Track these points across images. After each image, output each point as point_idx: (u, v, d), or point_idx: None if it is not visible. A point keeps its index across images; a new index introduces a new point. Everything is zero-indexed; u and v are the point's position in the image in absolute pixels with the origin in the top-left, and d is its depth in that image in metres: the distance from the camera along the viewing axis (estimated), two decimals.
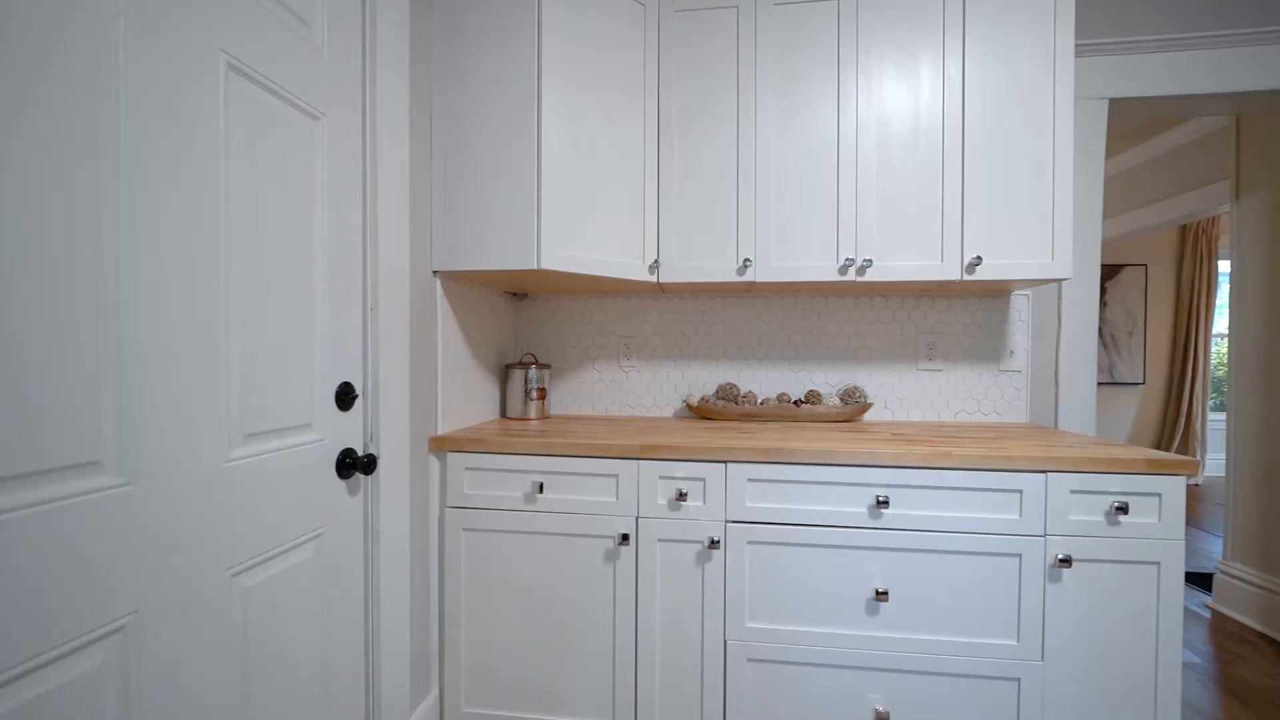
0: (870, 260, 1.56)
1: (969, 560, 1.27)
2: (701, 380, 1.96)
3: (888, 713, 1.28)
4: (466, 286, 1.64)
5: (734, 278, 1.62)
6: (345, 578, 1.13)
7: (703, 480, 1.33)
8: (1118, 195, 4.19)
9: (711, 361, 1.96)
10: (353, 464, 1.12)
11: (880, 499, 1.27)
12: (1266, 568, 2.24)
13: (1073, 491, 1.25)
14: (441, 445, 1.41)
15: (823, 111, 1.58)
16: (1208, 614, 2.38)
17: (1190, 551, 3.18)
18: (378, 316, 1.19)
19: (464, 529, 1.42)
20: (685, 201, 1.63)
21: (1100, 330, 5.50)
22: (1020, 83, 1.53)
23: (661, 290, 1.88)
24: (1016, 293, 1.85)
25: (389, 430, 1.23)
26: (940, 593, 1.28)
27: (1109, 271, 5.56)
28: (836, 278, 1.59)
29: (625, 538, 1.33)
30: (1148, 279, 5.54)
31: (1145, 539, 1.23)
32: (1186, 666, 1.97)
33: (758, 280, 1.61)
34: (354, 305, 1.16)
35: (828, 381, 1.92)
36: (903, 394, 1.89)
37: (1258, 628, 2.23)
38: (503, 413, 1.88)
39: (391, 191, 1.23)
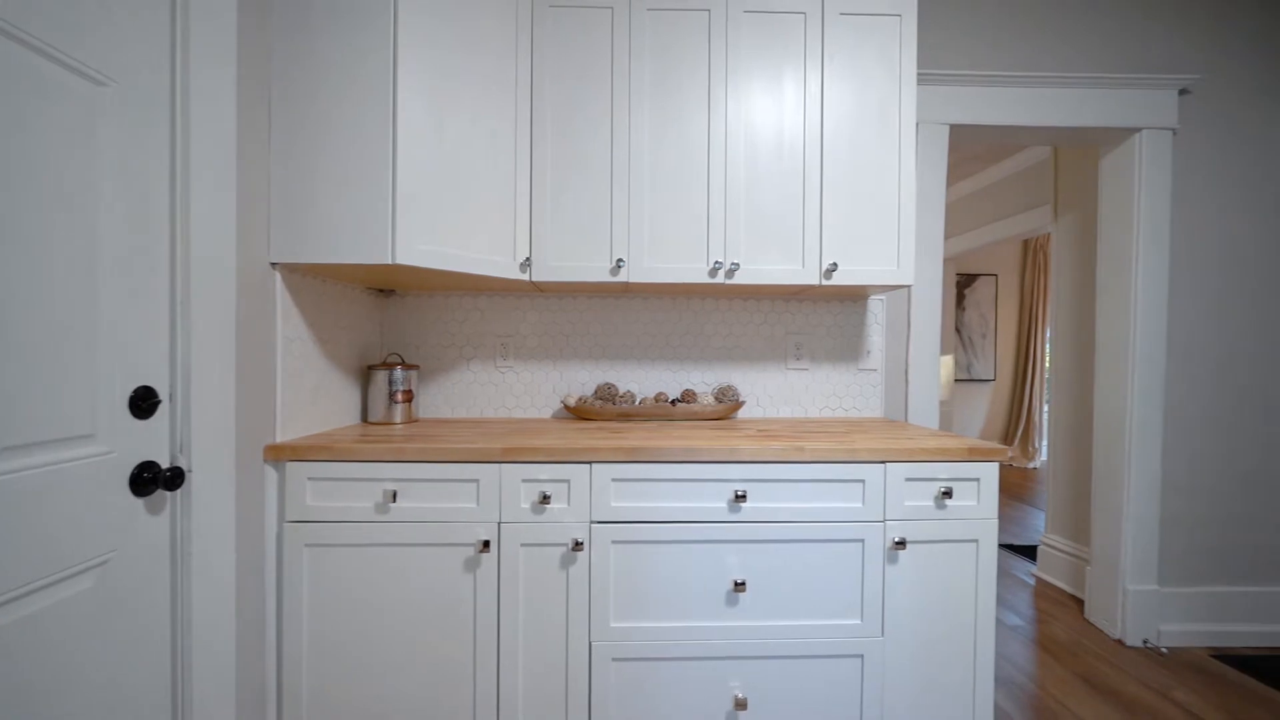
0: (738, 264, 1.62)
1: (819, 548, 1.35)
2: (581, 380, 1.95)
3: (745, 698, 1.33)
4: (319, 281, 1.51)
5: (607, 278, 1.62)
6: (143, 608, 0.99)
7: (567, 482, 1.31)
8: (972, 211, 4.70)
9: (591, 362, 1.95)
10: (153, 479, 0.98)
11: (739, 493, 1.32)
12: (1075, 538, 2.60)
13: (907, 479, 1.36)
14: (279, 454, 1.28)
15: (694, 118, 1.61)
16: (1032, 581, 2.72)
17: (1024, 527, 3.63)
18: (189, 311, 1.05)
19: (306, 544, 1.29)
20: (559, 200, 1.61)
21: (959, 332, 6.16)
22: (872, 105, 1.65)
23: (539, 290, 1.84)
24: (873, 297, 2.00)
25: (206, 439, 1.09)
26: (794, 580, 1.35)
27: (966, 280, 6.23)
28: (707, 280, 1.63)
29: (486, 544, 1.28)
30: (998, 287, 6.27)
31: (967, 519, 1.37)
32: (1011, 628, 2.23)
33: (631, 281, 1.62)
34: (158, 299, 1.01)
35: (704, 381, 1.97)
36: (773, 392, 1.98)
37: (1069, 590, 2.58)
38: (364, 417, 1.75)
39: (210, 172, 1.10)
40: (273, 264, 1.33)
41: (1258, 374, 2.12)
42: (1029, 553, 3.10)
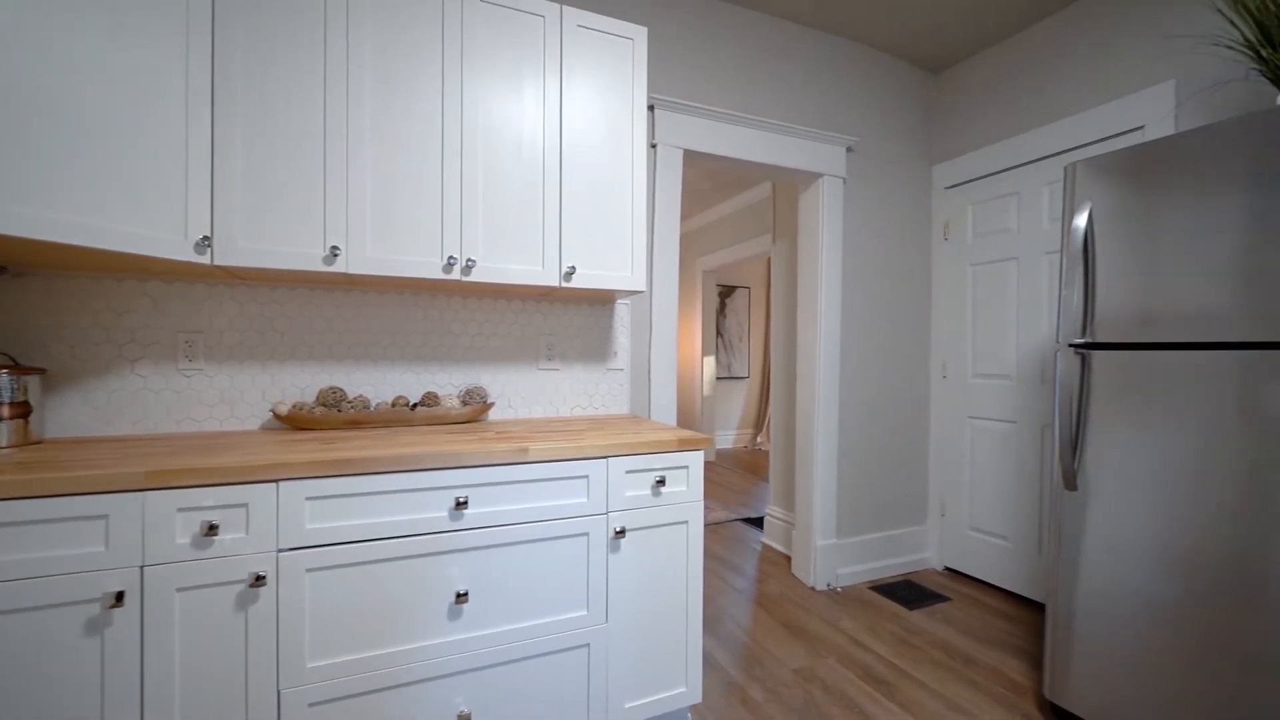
0: (474, 260, 1.56)
1: (546, 546, 1.37)
2: (301, 385, 1.69)
3: (469, 713, 1.28)
4: None
5: (320, 267, 1.42)
6: None
7: (245, 506, 1.10)
8: (728, 231, 5.38)
9: (314, 363, 1.70)
10: None
11: (460, 500, 1.26)
12: (788, 506, 3.13)
13: (628, 471, 1.46)
14: None
15: (426, 95, 1.51)
16: (759, 547, 3.21)
17: (762, 501, 4.28)
18: None
19: None
20: (254, 169, 1.36)
21: (721, 336, 7.03)
22: (609, 119, 1.75)
23: (236, 277, 1.54)
24: (619, 301, 2.13)
25: None
26: (521, 582, 1.35)
27: (727, 290, 7.14)
28: (441, 275, 1.54)
29: (120, 597, 1.01)
30: (750, 298, 7.31)
31: (678, 504, 1.53)
32: (738, 590, 2.60)
33: (351, 272, 1.45)
34: None
35: (451, 382, 1.87)
36: (525, 392, 1.97)
37: (784, 551, 3.10)
38: None
39: None
40: None
41: (889, 366, 2.81)
42: (760, 523, 3.66)
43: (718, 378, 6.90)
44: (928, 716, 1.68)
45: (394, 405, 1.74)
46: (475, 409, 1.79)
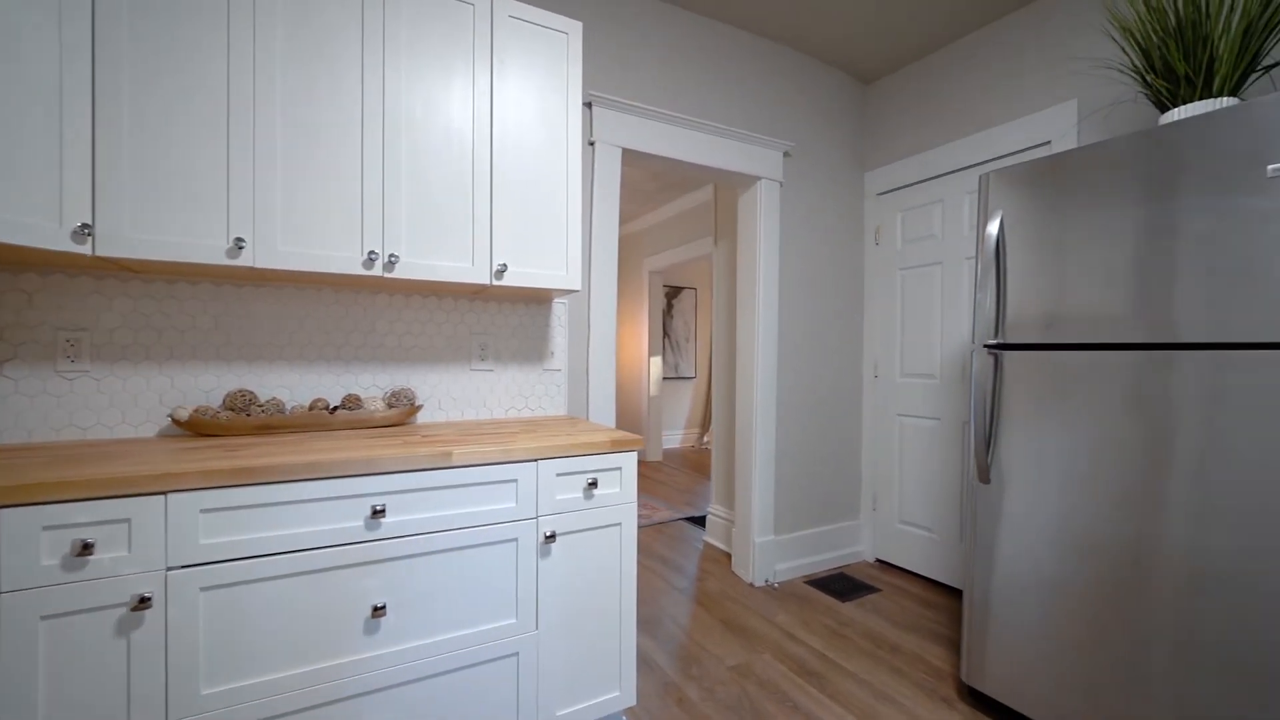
0: (397, 256, 1.49)
1: (472, 554, 1.32)
2: (206, 388, 1.56)
3: None
4: None
5: (223, 260, 1.31)
6: None
7: (127, 522, 1.00)
8: (675, 232, 5.41)
9: (221, 364, 1.58)
10: None
11: (377, 508, 1.20)
12: (729, 504, 3.18)
13: (559, 474, 1.43)
14: None
15: (344, 81, 1.43)
16: (701, 546, 3.23)
17: (707, 500, 4.32)
18: None
19: None
20: (145, 148, 1.24)
21: (669, 337, 7.08)
22: (543, 114, 1.71)
23: (127, 269, 1.41)
24: (556, 300, 2.09)
25: None
26: (445, 592, 1.29)
27: (674, 291, 7.19)
28: (361, 271, 1.46)
29: None
30: (697, 298, 7.40)
31: (611, 506, 1.51)
32: (679, 590, 2.61)
33: (259, 266, 1.35)
34: None
35: (376, 384, 1.78)
36: (456, 394, 1.90)
37: (725, 549, 3.14)
38: None
39: None
40: None
41: (825, 366, 2.90)
42: (704, 522, 3.70)
43: (665, 378, 6.94)
44: (855, 705, 1.74)
45: (311, 409, 1.63)
46: (402, 412, 1.71)
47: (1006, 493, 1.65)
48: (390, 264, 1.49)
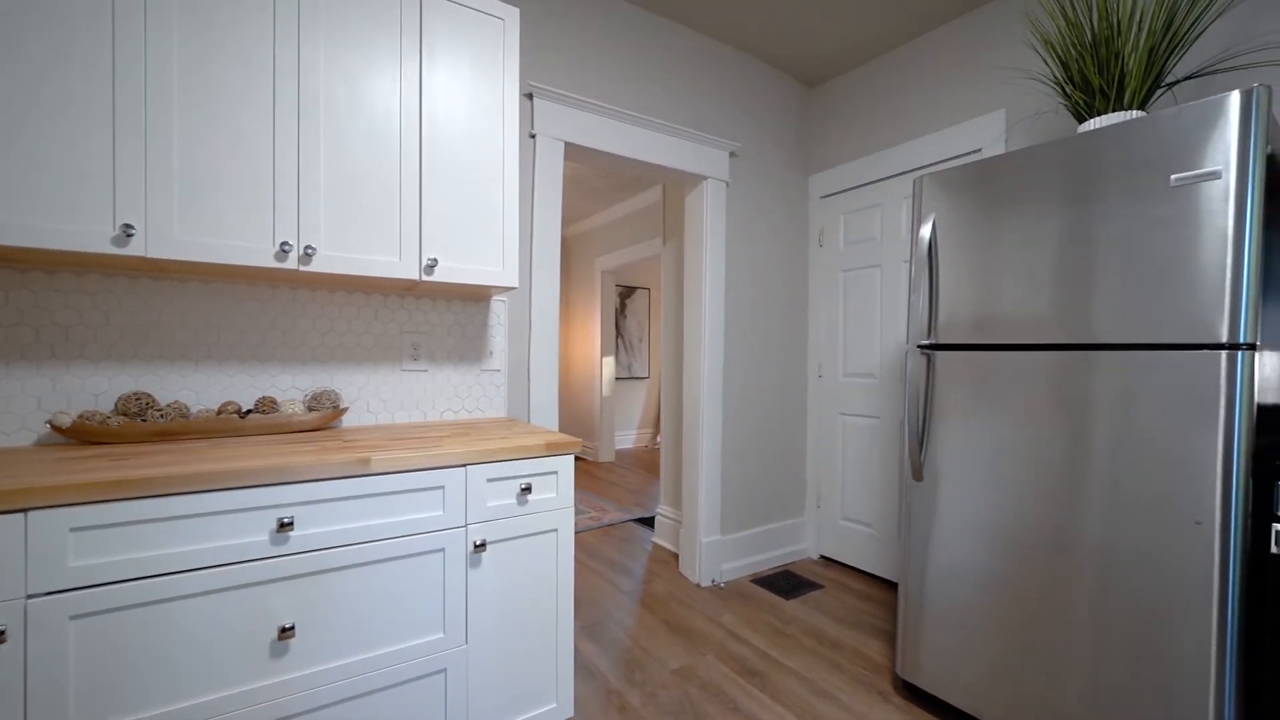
0: (315, 248, 1.39)
1: (393, 566, 1.24)
2: (96, 390, 1.41)
3: None
4: None
5: (109, 249, 1.18)
6: None
7: None
8: (627, 231, 5.38)
9: (113, 364, 1.43)
10: None
11: (284, 521, 1.10)
12: (676, 505, 3.17)
13: (489, 480, 1.37)
14: None
15: (256, 57, 1.31)
16: (650, 547, 3.21)
17: (657, 500, 4.31)
18: None
19: None
20: (5, 120, 1.10)
21: (622, 337, 7.04)
22: (477, 104, 1.63)
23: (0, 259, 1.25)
24: (495, 299, 2.01)
25: None
26: (362, 609, 1.21)
27: (627, 291, 7.16)
28: (274, 264, 1.35)
29: None
30: (650, 298, 7.39)
31: (547, 511, 1.45)
32: (625, 592, 2.57)
33: (152, 256, 1.22)
34: None
35: (296, 386, 1.66)
36: (386, 396, 1.80)
37: (673, 549, 3.13)
38: None
39: None
40: None
41: (770, 365, 2.93)
42: (652, 523, 3.67)
43: (618, 378, 6.89)
44: (794, 703, 1.74)
45: (220, 413, 1.50)
46: (324, 415, 1.59)
47: (939, 489, 1.69)
48: (307, 256, 1.38)
